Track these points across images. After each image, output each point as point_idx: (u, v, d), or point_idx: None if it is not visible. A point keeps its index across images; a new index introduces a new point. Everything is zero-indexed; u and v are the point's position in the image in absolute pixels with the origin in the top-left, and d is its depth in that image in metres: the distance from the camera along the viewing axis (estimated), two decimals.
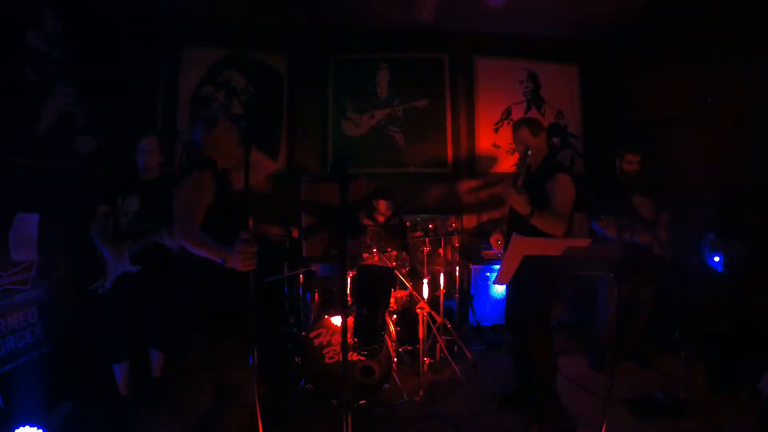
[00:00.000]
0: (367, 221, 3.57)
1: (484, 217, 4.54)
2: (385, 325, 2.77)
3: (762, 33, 2.95)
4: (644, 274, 3.15)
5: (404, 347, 3.42)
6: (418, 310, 2.93)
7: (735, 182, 3.15)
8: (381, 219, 3.63)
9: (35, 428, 2.02)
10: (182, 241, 1.75)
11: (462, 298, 4.09)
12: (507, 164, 4.58)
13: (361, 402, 2.74)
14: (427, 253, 3.46)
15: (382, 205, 3.57)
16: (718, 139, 3.33)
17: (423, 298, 3.14)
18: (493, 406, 2.75)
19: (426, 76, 4.59)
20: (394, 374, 2.89)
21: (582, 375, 3.17)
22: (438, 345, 3.41)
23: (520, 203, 2.29)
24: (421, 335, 2.93)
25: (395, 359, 2.92)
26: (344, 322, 1.75)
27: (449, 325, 3.54)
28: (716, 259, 3.09)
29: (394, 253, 3.27)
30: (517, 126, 2.60)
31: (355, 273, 2.88)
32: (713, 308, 3.17)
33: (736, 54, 3.18)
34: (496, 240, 2.72)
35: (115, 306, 2.65)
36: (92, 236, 2.61)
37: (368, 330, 2.64)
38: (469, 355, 3.46)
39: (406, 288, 3.18)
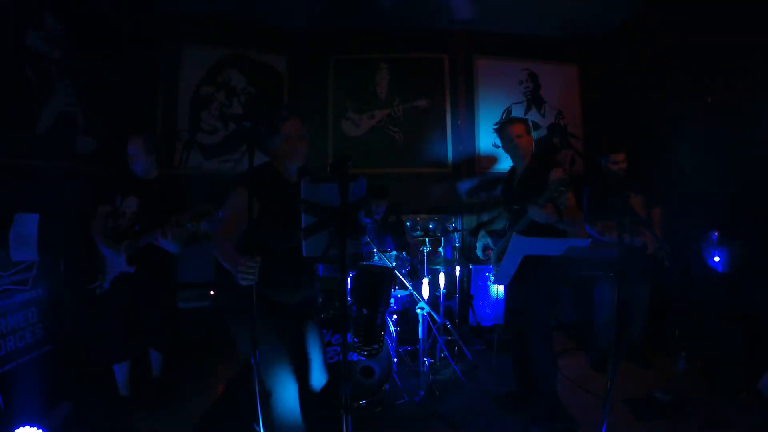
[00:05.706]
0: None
1: (484, 217, 4.54)
2: (385, 325, 2.77)
3: (762, 32, 2.95)
4: (639, 274, 3.15)
5: (404, 347, 3.42)
6: (418, 310, 2.94)
7: (735, 182, 3.15)
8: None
9: (35, 428, 2.02)
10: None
11: (462, 298, 4.09)
12: (507, 164, 4.57)
13: (361, 402, 2.74)
14: (427, 253, 3.46)
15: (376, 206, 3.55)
16: (718, 139, 3.32)
17: (423, 298, 3.14)
18: (493, 406, 2.76)
19: (426, 76, 4.59)
20: (394, 374, 2.89)
21: (582, 375, 3.17)
22: (438, 345, 3.41)
23: (551, 213, 2.27)
24: (421, 335, 2.94)
25: (395, 359, 2.92)
26: (344, 323, 1.75)
27: (449, 325, 3.54)
28: (716, 258, 3.08)
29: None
30: (510, 122, 2.64)
31: (355, 273, 2.88)
32: (713, 308, 3.17)
33: (736, 53, 3.18)
34: (484, 249, 2.74)
35: (113, 306, 2.65)
36: (92, 236, 2.61)
37: (368, 330, 2.64)
38: (469, 355, 3.46)
39: (406, 288, 3.18)
